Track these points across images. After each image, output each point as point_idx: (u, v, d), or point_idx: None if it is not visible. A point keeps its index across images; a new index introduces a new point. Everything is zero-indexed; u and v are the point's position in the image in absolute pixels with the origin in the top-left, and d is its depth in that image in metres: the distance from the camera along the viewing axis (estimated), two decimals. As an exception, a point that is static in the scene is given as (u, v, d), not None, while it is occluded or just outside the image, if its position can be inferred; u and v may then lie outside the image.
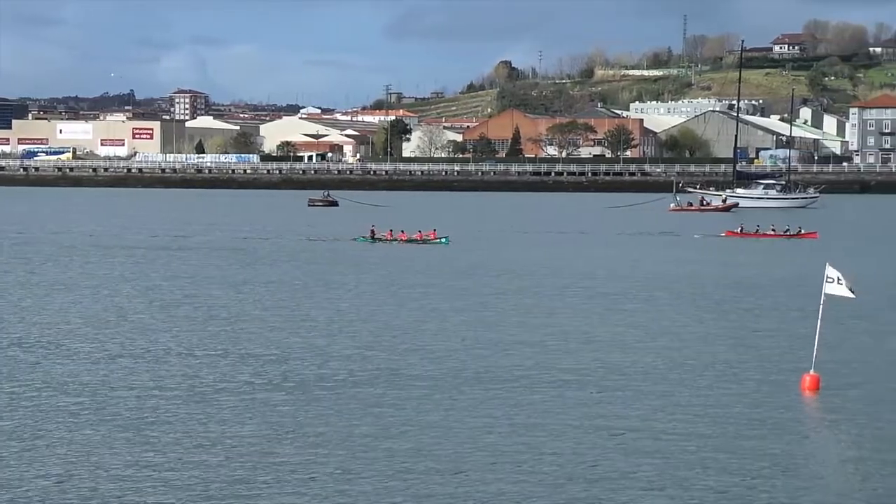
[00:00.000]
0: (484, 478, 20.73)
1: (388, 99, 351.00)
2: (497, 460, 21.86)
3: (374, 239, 77.63)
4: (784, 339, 36.24)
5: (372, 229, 78.75)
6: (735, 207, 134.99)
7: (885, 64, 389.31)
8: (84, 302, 45.12)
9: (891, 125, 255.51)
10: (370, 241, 77.21)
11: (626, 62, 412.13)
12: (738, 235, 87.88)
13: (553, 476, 20.91)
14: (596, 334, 37.35)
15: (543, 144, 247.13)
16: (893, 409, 26.55)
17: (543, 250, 73.71)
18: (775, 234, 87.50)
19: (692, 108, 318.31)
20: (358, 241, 77.70)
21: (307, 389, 28.23)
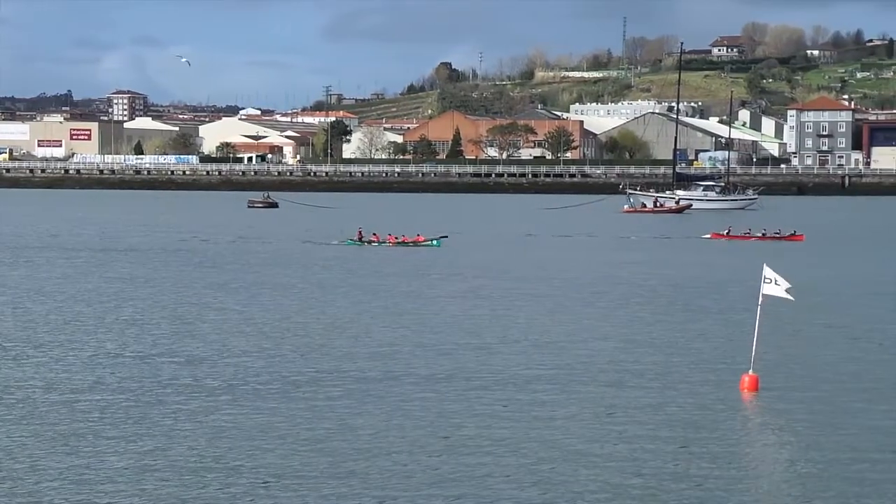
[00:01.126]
0: (420, 481, 20.52)
1: (329, 100, 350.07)
2: (430, 461, 21.64)
3: (361, 241, 75.99)
4: (725, 340, 36.23)
5: (359, 231, 77.24)
6: (689, 209, 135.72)
7: (822, 66, 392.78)
8: (21, 304, 44.49)
9: (828, 127, 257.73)
10: (358, 244, 75.55)
11: (566, 64, 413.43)
12: (724, 238, 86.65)
13: (482, 478, 20.70)
14: (536, 336, 37.17)
15: (484, 146, 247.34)
16: (832, 409, 26.56)
17: (500, 251, 73.56)
18: (762, 236, 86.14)
19: (632, 109, 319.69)
20: (346, 243, 76.23)
21: (248, 392, 27.89)
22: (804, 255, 71.31)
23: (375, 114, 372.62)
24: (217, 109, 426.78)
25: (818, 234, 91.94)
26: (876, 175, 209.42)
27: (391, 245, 75.09)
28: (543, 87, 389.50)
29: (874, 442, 23.61)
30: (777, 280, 28.79)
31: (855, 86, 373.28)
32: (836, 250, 77.68)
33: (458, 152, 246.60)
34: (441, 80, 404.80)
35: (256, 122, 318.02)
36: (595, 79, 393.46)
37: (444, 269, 60.12)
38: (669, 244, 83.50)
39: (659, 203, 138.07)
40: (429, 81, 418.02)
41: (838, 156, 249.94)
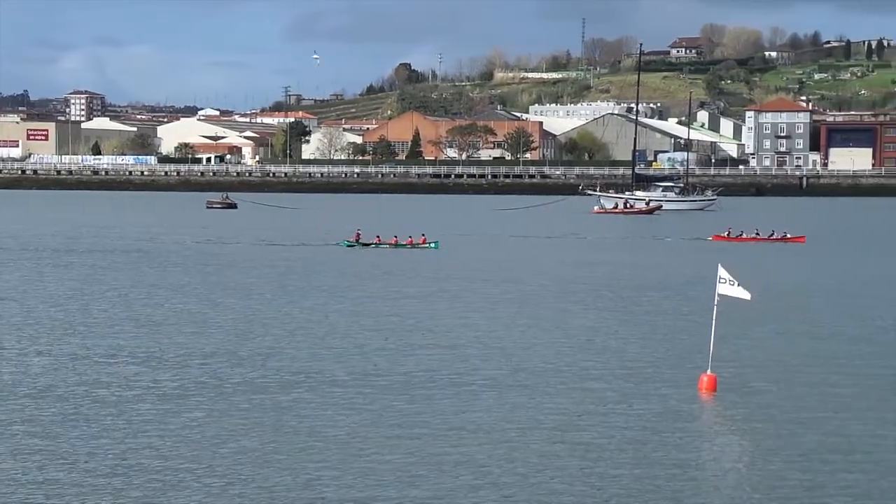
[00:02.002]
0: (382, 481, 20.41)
1: (288, 101, 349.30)
2: (394, 463, 21.54)
3: (359, 244, 75.15)
4: (686, 340, 36.24)
5: (357, 233, 76.30)
6: (659, 210, 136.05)
7: (780, 68, 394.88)
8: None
9: (786, 128, 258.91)
10: (356, 246, 74.66)
11: (526, 65, 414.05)
12: (724, 239, 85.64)
13: (438, 476, 20.61)
14: (496, 337, 37.11)
15: (443, 146, 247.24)
16: (790, 409, 26.61)
17: (467, 252, 73.42)
18: (763, 238, 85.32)
19: (591, 110, 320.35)
20: (342, 245, 75.45)
21: (211, 394, 27.71)
22: (789, 257, 71.58)
23: (335, 114, 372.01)
24: (175, 110, 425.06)
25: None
26: (833, 176, 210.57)
27: (390, 247, 74.42)
28: (503, 88, 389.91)
29: (830, 442, 23.66)
30: (732, 280, 28.81)
31: (812, 87, 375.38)
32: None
33: (417, 153, 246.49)
34: (400, 81, 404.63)
35: (215, 123, 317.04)
36: (554, 80, 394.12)
37: (411, 271, 59.99)
38: (641, 244, 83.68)
39: (629, 204, 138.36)
40: (388, 82, 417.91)
41: (796, 157, 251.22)
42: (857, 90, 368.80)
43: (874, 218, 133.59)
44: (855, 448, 23.13)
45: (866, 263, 67.54)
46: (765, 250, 77.20)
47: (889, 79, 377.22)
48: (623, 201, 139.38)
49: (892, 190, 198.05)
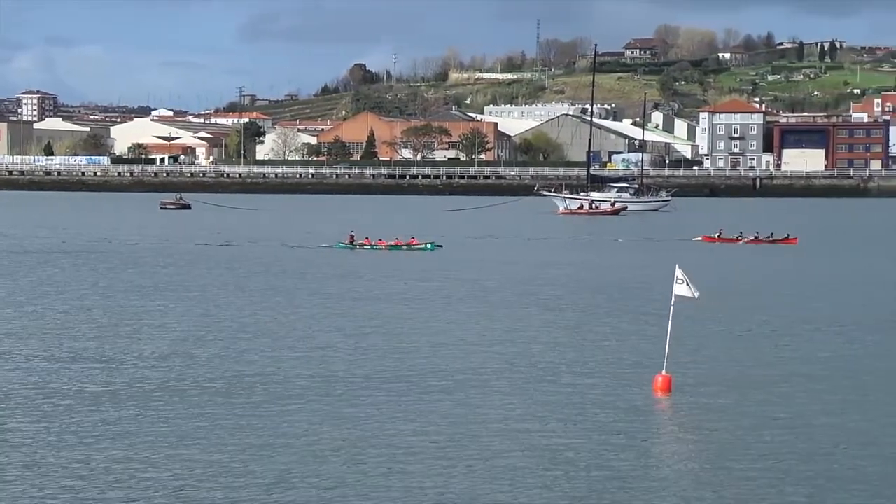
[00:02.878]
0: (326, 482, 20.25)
1: (242, 101, 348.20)
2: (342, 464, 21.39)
3: (353, 245, 74.33)
4: (642, 341, 36.21)
5: (351, 235, 75.52)
6: (624, 211, 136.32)
7: (733, 69, 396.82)
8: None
9: (740, 130, 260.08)
10: (350, 248, 73.84)
11: (481, 66, 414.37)
12: (714, 241, 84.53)
13: (394, 477, 20.49)
14: (454, 337, 37.03)
15: (398, 147, 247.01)
16: (744, 410, 26.62)
17: (425, 255, 73.30)
18: (755, 240, 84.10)
19: (546, 111, 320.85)
20: (336, 247, 74.57)
21: (162, 398, 27.48)
22: (745, 256, 71.79)
23: (289, 115, 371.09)
24: (129, 110, 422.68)
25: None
26: (787, 177, 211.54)
27: (384, 249, 73.66)
28: (458, 89, 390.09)
29: (785, 442, 23.70)
30: (689, 281, 28.79)
31: (766, 88, 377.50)
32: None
33: (372, 153, 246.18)
34: (355, 82, 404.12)
35: (169, 123, 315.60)
36: (509, 80, 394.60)
37: (371, 272, 59.82)
38: (626, 245, 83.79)
39: (595, 205, 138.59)
40: (343, 83, 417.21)
41: (750, 158, 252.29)
42: (809, 91, 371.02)
43: (862, 218, 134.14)
44: (810, 447, 23.16)
45: (845, 264, 67.83)
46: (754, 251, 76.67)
47: (841, 80, 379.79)
48: (588, 202, 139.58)
49: (844, 191, 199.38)
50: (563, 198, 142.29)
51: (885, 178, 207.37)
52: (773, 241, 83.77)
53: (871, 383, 30.04)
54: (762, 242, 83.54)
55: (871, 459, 22.41)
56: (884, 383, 30.18)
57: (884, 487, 20.60)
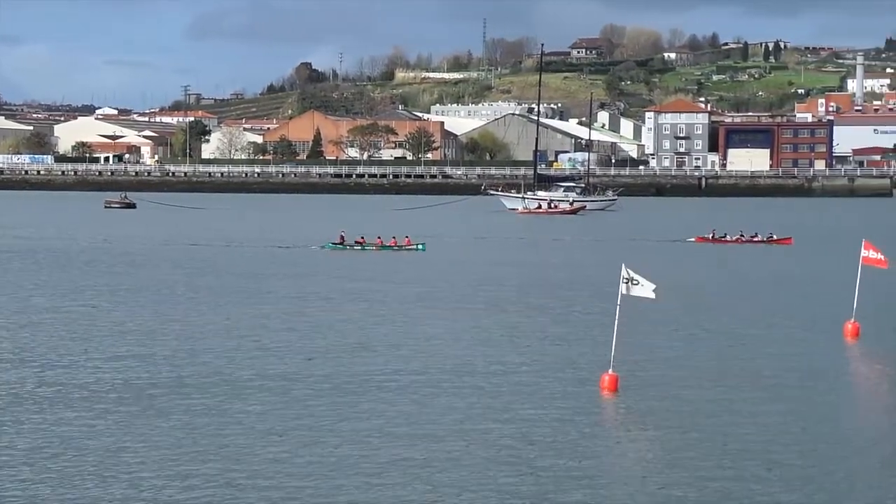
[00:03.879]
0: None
1: (187, 100, 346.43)
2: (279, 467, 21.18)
3: (343, 245, 73.51)
4: (590, 340, 36.15)
5: (341, 235, 74.68)
6: (582, 210, 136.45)
7: (679, 69, 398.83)
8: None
9: (685, 129, 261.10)
10: (339, 248, 73.02)
11: (427, 65, 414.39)
12: (708, 241, 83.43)
13: (340, 477, 20.31)
14: (401, 339, 36.92)
15: (345, 146, 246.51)
16: (690, 409, 26.67)
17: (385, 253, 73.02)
18: (749, 239, 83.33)
19: (492, 111, 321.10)
20: (326, 247, 73.63)
21: (108, 398, 27.21)
22: (702, 255, 71.95)
23: (235, 114, 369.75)
24: (73, 109, 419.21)
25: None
26: (732, 176, 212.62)
27: (376, 249, 72.84)
28: (404, 88, 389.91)
29: (731, 439, 23.76)
30: (635, 279, 28.71)
31: (711, 88, 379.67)
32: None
33: (318, 153, 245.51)
34: (301, 81, 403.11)
35: (114, 122, 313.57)
36: (456, 80, 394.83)
37: (327, 271, 59.58)
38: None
39: (553, 204, 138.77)
40: (289, 81, 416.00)
41: (695, 157, 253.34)
42: (754, 91, 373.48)
43: (842, 217, 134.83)
44: (752, 445, 23.22)
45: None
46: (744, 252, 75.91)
47: (786, 80, 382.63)
48: (547, 201, 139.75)
49: (789, 190, 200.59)
50: (522, 197, 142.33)
51: (828, 177, 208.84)
52: (768, 241, 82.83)
53: (814, 381, 30.18)
54: (757, 243, 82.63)
55: (813, 455, 22.56)
56: (826, 381, 30.34)
57: (825, 479, 20.75)
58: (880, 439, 24.41)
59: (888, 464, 22.32)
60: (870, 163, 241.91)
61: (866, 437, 24.60)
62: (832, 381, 30.57)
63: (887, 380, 31.36)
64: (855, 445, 23.72)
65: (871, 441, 24.21)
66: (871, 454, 23.07)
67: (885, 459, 22.65)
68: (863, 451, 23.34)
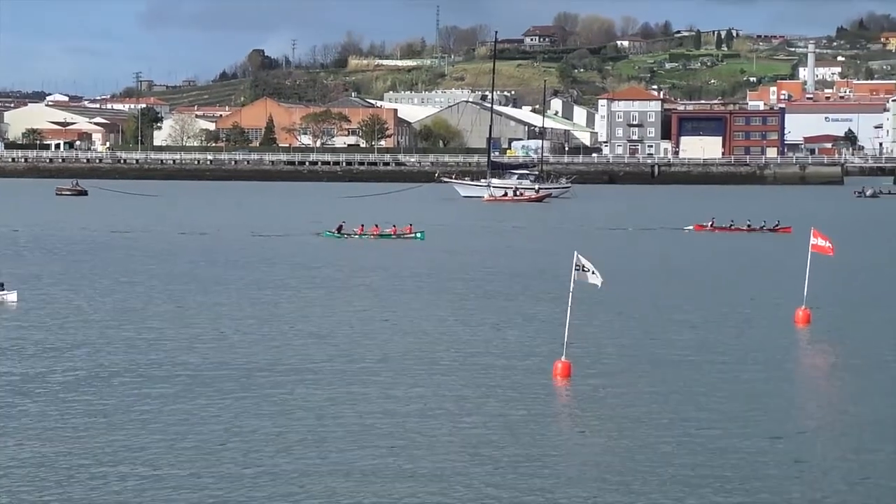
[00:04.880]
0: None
1: (139, 87, 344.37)
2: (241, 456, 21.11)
3: (341, 234, 72.79)
4: (545, 327, 36.15)
5: (340, 224, 74.01)
6: (548, 198, 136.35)
7: (632, 57, 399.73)
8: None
9: (638, 117, 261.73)
10: (337, 237, 72.33)
11: (380, 52, 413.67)
12: (707, 230, 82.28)
13: (291, 468, 20.25)
14: (354, 327, 36.93)
15: (297, 133, 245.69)
16: (642, 395, 26.76)
17: (325, 245, 72.74)
18: (748, 228, 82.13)
19: (446, 98, 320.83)
20: (324, 235, 72.99)
21: (48, 388, 27.03)
22: (623, 243, 72.10)
23: (187, 101, 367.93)
24: (23, 95, 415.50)
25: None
26: (684, 164, 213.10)
27: (373, 237, 72.16)
28: (357, 76, 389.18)
29: (682, 425, 23.85)
30: (586, 267, 28.77)
31: (664, 76, 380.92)
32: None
33: (271, 140, 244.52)
34: (254, 68, 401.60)
35: (64, 109, 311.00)
36: (409, 67, 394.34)
37: (281, 261, 59.35)
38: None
39: (519, 192, 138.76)
40: (241, 69, 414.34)
41: (648, 145, 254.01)
42: (706, 80, 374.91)
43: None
44: (704, 431, 23.37)
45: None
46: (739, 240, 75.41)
47: (738, 68, 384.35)
48: (513, 189, 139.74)
49: (741, 178, 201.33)
50: (488, 185, 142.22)
51: (780, 165, 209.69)
52: (768, 229, 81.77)
53: (765, 367, 30.36)
54: (755, 231, 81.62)
55: (763, 439, 22.71)
56: (776, 367, 30.54)
57: (774, 463, 20.91)
58: (827, 422, 24.72)
59: (834, 446, 22.59)
60: (821, 150, 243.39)
61: (814, 420, 24.89)
62: (782, 366, 30.78)
63: (836, 365, 31.68)
64: (803, 429, 23.97)
65: (818, 424, 24.52)
66: (818, 437, 23.34)
67: (831, 442, 22.93)
68: (811, 434, 23.60)
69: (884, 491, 19.82)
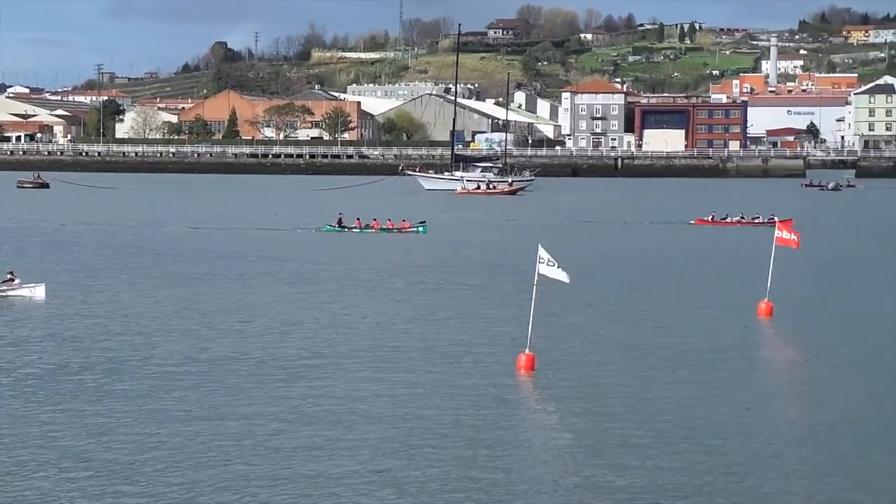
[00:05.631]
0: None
1: (101, 79, 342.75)
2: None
3: (341, 227, 72.15)
4: (509, 320, 36.09)
5: (339, 217, 73.35)
6: (521, 191, 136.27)
7: (595, 50, 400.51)
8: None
9: (601, 110, 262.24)
10: (337, 230, 71.71)
11: (343, 45, 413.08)
12: (707, 224, 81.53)
13: (245, 461, 20.18)
14: (317, 319, 36.87)
15: (261, 126, 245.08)
16: (605, 388, 26.83)
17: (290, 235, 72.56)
18: (748, 221, 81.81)
19: (409, 91, 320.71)
20: (324, 230, 72.26)
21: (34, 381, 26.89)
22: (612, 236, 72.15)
23: (149, 93, 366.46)
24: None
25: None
26: (647, 157, 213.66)
27: (374, 231, 71.60)
28: (320, 68, 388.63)
29: (644, 417, 23.94)
30: (551, 260, 28.75)
31: (627, 69, 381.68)
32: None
33: (234, 132, 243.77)
34: (217, 60, 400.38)
35: (25, 101, 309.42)
36: (372, 60, 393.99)
37: (239, 255, 59.18)
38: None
39: (492, 185, 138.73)
40: (204, 61, 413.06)
41: (611, 138, 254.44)
42: (670, 72, 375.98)
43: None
44: (665, 423, 23.45)
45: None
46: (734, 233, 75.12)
47: (701, 61, 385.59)
48: (486, 182, 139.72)
49: (704, 171, 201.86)
50: (461, 178, 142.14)
51: (743, 158, 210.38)
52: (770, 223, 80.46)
53: (727, 359, 30.47)
54: (759, 225, 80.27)
55: (725, 431, 22.76)
56: (739, 359, 30.64)
57: (736, 455, 20.94)
58: (788, 414, 24.88)
59: (795, 438, 22.71)
60: (783, 143, 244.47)
61: (774, 412, 25.01)
62: (744, 359, 30.89)
63: (797, 357, 31.89)
64: (765, 421, 24.06)
65: (778, 416, 24.64)
66: (779, 429, 23.42)
67: (792, 434, 23.03)
68: (771, 426, 23.66)
69: (839, 481, 19.90)
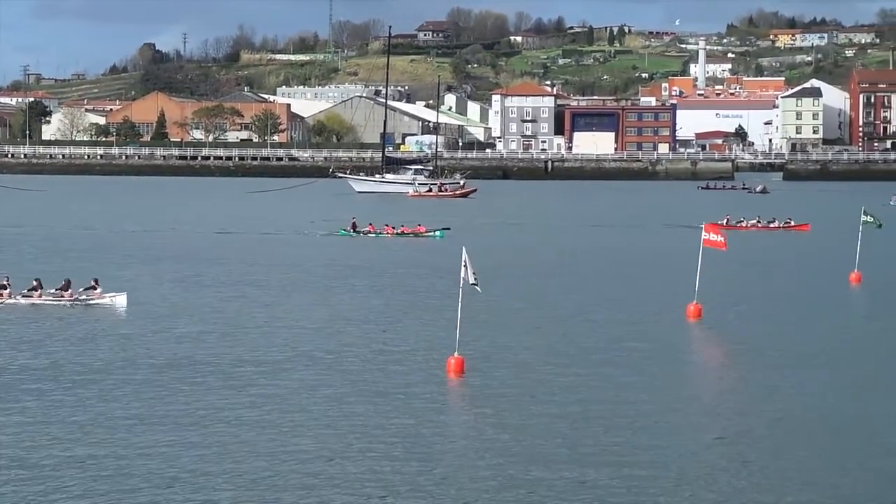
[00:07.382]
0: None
1: (27, 80, 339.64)
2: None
3: (356, 232, 71.31)
4: (441, 323, 35.95)
5: (353, 222, 72.38)
6: (473, 193, 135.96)
7: (525, 53, 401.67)
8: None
9: (531, 112, 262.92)
10: (352, 235, 70.85)
11: (273, 46, 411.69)
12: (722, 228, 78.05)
13: (190, 465, 19.97)
14: (242, 324, 36.67)
15: (189, 128, 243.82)
16: (533, 390, 26.82)
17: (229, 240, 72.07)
18: (763, 226, 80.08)
19: (339, 93, 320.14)
20: (339, 234, 71.42)
21: None
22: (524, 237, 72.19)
23: (76, 94, 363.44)
24: None
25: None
26: (577, 160, 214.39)
27: (389, 236, 70.59)
28: (250, 70, 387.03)
29: (571, 419, 24.02)
30: (467, 264, 28.71)
31: (557, 72, 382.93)
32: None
33: (162, 134, 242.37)
34: (145, 62, 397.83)
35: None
36: (302, 62, 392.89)
37: (188, 257, 58.79)
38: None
39: (444, 188, 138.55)
40: (132, 62, 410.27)
41: (541, 140, 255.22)
42: (599, 75, 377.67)
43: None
44: (592, 424, 23.50)
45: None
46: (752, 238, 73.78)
47: (630, 64, 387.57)
48: (438, 185, 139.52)
49: (633, 173, 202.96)
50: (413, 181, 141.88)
51: (672, 161, 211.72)
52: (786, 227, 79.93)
53: (655, 361, 30.56)
54: (773, 229, 79.43)
55: (651, 430, 22.83)
56: (666, 361, 30.75)
57: (662, 454, 20.99)
58: (714, 413, 25.08)
59: (722, 435, 22.94)
60: (712, 146, 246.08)
61: (702, 411, 25.23)
62: (672, 361, 31.03)
63: (724, 358, 32.21)
64: (692, 420, 24.28)
65: (706, 414, 24.89)
66: (707, 427, 23.65)
67: (719, 432, 23.24)
68: (699, 424, 23.90)
69: (760, 481, 19.97)
